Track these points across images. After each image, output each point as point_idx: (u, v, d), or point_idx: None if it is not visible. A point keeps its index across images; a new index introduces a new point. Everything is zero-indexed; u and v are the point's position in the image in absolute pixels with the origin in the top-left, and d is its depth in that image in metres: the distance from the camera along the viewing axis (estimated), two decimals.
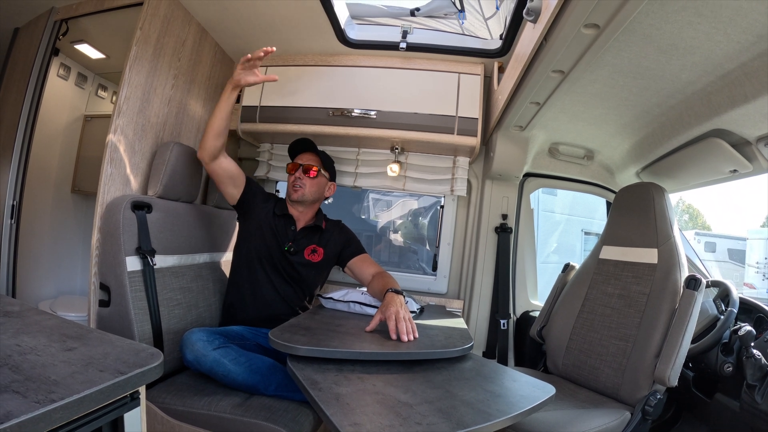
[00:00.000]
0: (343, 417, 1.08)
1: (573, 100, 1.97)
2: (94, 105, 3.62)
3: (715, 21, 1.30)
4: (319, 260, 2.35)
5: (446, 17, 2.70)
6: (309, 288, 2.40)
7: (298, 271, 2.31)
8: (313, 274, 2.36)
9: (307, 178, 2.37)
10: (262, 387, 1.79)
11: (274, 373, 1.83)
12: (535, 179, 3.11)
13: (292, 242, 2.31)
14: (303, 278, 2.33)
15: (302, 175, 2.36)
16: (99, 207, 1.97)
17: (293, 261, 2.29)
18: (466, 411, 1.19)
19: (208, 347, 1.80)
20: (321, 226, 2.40)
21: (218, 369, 1.77)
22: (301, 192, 2.34)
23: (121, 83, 2.07)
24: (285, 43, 2.70)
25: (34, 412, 0.76)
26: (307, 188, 2.36)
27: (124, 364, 0.96)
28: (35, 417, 0.76)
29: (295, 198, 2.35)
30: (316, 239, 2.38)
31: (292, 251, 2.29)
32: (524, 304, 3.04)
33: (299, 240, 2.34)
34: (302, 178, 2.36)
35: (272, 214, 2.34)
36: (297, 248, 2.31)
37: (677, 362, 1.80)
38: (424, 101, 2.64)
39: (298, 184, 2.35)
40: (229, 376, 1.77)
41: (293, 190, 2.35)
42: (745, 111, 1.62)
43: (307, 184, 2.36)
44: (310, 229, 2.39)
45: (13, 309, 1.30)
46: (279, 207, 2.38)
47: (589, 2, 1.16)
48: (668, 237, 2.10)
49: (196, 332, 1.85)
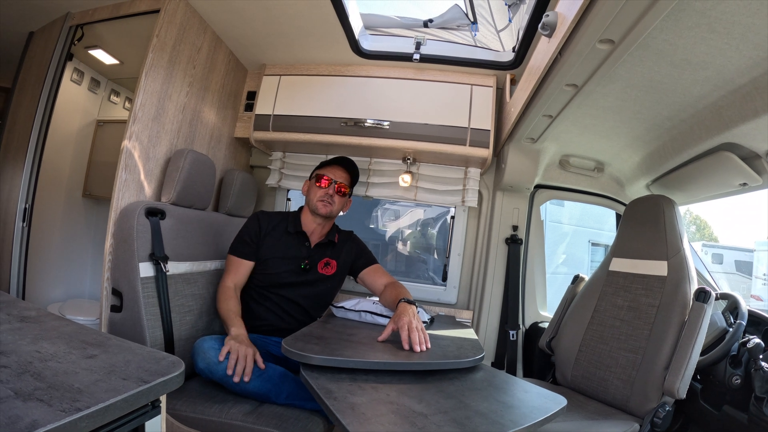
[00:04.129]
0: (360, 426, 1.08)
1: (585, 113, 1.98)
2: (107, 110, 3.65)
3: (727, 37, 1.31)
4: (333, 273, 2.34)
5: (459, 29, 2.73)
6: (324, 300, 2.38)
7: (313, 286, 2.30)
8: (328, 286, 2.36)
9: (338, 195, 2.34)
10: (273, 395, 1.79)
11: (285, 381, 1.83)
12: (546, 191, 3.11)
13: (307, 260, 2.30)
14: (318, 292, 2.32)
15: (334, 193, 2.32)
16: (113, 212, 1.99)
17: (308, 277, 2.28)
18: (481, 421, 1.19)
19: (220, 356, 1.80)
20: (334, 241, 2.39)
21: (229, 378, 1.77)
22: (330, 209, 2.32)
23: (136, 90, 2.10)
24: (299, 52, 2.73)
25: (60, 421, 0.75)
26: (336, 206, 2.34)
27: (146, 372, 0.97)
28: (61, 426, 0.75)
29: (323, 213, 2.32)
30: (329, 252, 2.37)
31: (307, 269, 2.28)
32: (533, 315, 3.04)
33: (313, 256, 2.32)
34: (333, 195, 2.32)
35: (284, 233, 2.32)
36: (311, 264, 2.30)
37: (686, 374, 1.80)
38: (437, 112, 2.66)
39: (328, 201, 2.31)
40: (240, 385, 1.77)
41: (322, 204, 2.30)
42: (756, 125, 1.63)
43: (336, 202, 2.34)
44: (324, 244, 2.37)
45: (29, 314, 1.30)
46: (292, 224, 2.34)
47: (605, 18, 1.18)
48: (678, 249, 2.11)
49: (208, 340, 1.86)
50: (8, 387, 0.84)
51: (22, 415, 0.75)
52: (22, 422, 0.73)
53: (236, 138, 3.00)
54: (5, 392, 0.82)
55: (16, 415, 0.75)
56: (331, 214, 2.35)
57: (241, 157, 3.16)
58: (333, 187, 2.32)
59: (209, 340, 1.86)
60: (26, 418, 0.74)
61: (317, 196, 2.32)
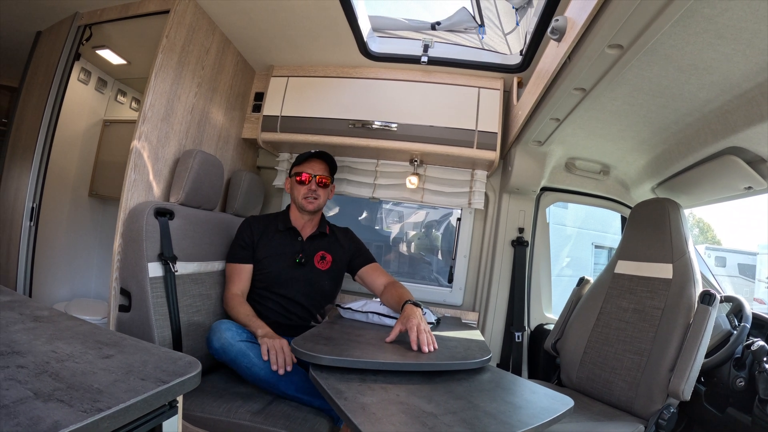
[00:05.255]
0: (371, 426, 1.10)
1: (592, 116, 1.99)
2: (114, 110, 3.67)
3: (734, 42, 1.32)
4: (329, 267, 2.36)
5: (466, 32, 2.74)
6: (325, 297, 2.39)
7: (312, 284, 2.31)
8: (326, 281, 2.36)
9: (321, 188, 2.36)
10: (282, 385, 1.81)
11: (295, 372, 1.84)
12: (552, 193, 3.12)
13: (301, 253, 2.32)
14: (318, 290, 2.33)
15: (316, 187, 2.34)
16: (122, 213, 2.01)
17: (305, 271, 2.30)
18: (490, 422, 1.20)
19: (236, 337, 1.84)
20: (325, 232, 2.41)
21: (242, 360, 1.80)
22: (316, 204, 2.34)
23: (146, 90, 2.11)
24: (307, 54, 2.75)
25: (82, 422, 0.75)
26: (321, 199, 2.37)
27: (164, 372, 0.98)
28: (84, 427, 0.75)
29: (311, 210, 2.34)
30: (324, 245, 2.39)
31: (303, 262, 2.30)
32: (539, 317, 3.05)
33: (307, 249, 2.34)
34: (317, 190, 2.34)
35: (275, 232, 2.35)
36: (307, 257, 2.32)
37: (691, 376, 1.81)
38: (444, 115, 2.67)
39: (313, 197, 2.33)
40: (252, 369, 1.80)
41: (308, 202, 2.33)
42: (761, 129, 1.64)
43: (321, 196, 2.36)
44: (317, 236, 2.39)
45: (42, 314, 1.29)
46: (281, 222, 2.38)
47: (615, 23, 1.19)
48: (683, 252, 2.12)
49: (225, 322, 1.90)
50: (27, 388, 0.83)
51: (43, 416, 0.75)
52: (44, 423, 0.73)
53: (244, 139, 3.01)
54: (25, 393, 0.81)
55: (37, 416, 0.74)
56: (318, 208, 2.38)
57: (248, 157, 3.17)
58: (314, 181, 2.34)
59: (227, 322, 1.91)
60: (48, 419, 0.74)
61: (301, 194, 2.34)
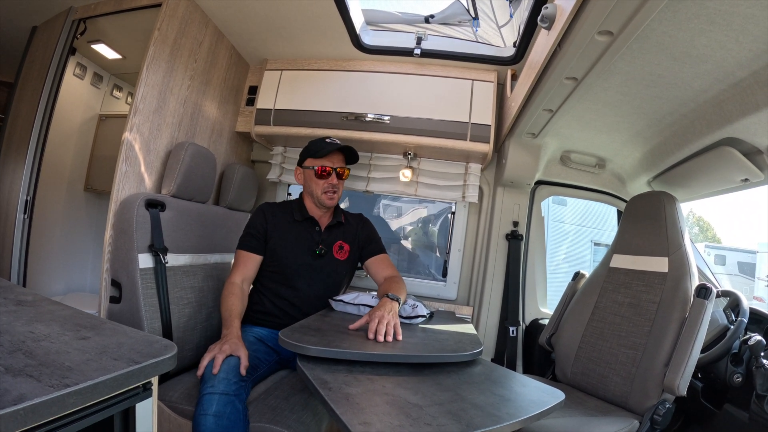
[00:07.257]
0: (353, 416, 1.08)
1: (585, 107, 1.98)
2: (109, 105, 3.66)
3: (727, 29, 1.30)
4: (347, 257, 2.31)
5: (460, 24, 2.72)
6: (340, 286, 2.34)
7: (329, 272, 2.26)
8: (343, 272, 2.32)
9: (341, 182, 2.29)
10: None
11: None
12: (547, 187, 3.11)
13: (321, 244, 2.25)
14: (335, 278, 2.28)
15: (337, 181, 2.25)
16: (113, 204, 1.99)
17: (324, 263, 2.24)
18: (476, 413, 1.18)
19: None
20: (341, 221, 2.35)
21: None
22: (336, 198, 2.28)
23: (138, 82, 2.10)
24: (300, 47, 2.74)
25: (47, 396, 0.78)
26: (340, 191, 2.30)
27: (138, 354, 0.97)
28: (49, 400, 0.78)
29: (331, 205, 2.28)
30: (342, 235, 2.33)
31: (323, 253, 2.24)
32: (534, 311, 3.03)
33: (326, 239, 2.29)
34: (337, 183, 2.25)
35: (291, 222, 2.26)
36: (326, 248, 2.26)
37: (687, 371, 1.79)
38: (438, 107, 2.66)
39: (333, 191, 2.25)
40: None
41: (327, 198, 2.24)
42: (757, 119, 1.62)
43: (339, 188, 2.28)
44: (334, 226, 2.33)
45: (26, 299, 1.32)
46: (298, 212, 2.28)
47: (603, 9, 1.17)
48: (679, 246, 2.10)
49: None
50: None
51: (10, 389, 0.77)
52: (10, 395, 0.75)
53: (237, 132, 3.00)
54: None
55: (4, 388, 0.77)
56: (337, 200, 2.31)
57: (242, 151, 3.16)
58: (334, 176, 2.25)
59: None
60: (14, 392, 0.77)
61: (321, 188, 2.24)
